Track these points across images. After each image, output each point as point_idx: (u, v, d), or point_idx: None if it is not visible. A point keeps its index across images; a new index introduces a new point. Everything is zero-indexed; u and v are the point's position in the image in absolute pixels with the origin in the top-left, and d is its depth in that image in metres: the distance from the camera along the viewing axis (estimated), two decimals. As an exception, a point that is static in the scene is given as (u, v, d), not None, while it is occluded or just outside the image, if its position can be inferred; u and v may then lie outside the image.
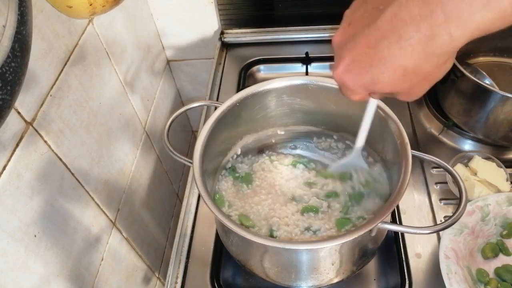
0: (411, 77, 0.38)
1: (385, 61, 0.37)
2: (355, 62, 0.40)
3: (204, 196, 0.58)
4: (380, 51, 0.37)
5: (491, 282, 0.71)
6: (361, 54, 0.39)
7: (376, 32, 0.37)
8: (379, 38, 0.37)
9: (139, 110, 1.09)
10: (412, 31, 0.34)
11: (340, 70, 0.41)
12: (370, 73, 0.39)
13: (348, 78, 0.41)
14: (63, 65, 0.75)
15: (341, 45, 0.41)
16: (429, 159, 0.64)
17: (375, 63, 0.38)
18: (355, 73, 0.40)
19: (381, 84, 0.39)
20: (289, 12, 1.17)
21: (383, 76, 0.38)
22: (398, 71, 0.37)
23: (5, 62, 0.38)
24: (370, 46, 0.38)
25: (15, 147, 0.63)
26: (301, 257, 0.61)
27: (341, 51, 0.41)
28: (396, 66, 0.37)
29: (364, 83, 0.40)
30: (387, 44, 0.36)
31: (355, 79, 0.41)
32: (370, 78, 0.39)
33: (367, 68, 0.39)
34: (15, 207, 0.63)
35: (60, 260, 0.74)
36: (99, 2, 0.60)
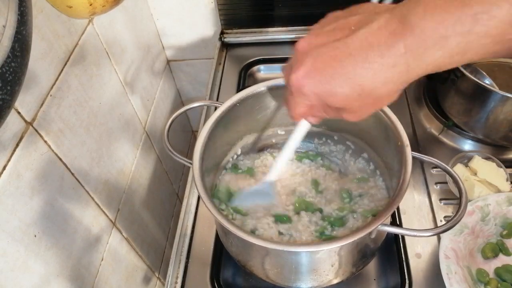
0: (364, 98, 0.41)
1: (346, 76, 0.40)
2: (317, 70, 0.41)
3: (204, 197, 0.58)
4: (344, 66, 0.39)
5: (491, 282, 0.71)
6: (325, 64, 0.41)
7: (344, 48, 0.40)
8: (346, 55, 0.39)
9: (139, 110, 1.09)
10: (377, 56, 0.38)
11: (300, 74, 0.42)
12: (330, 84, 0.41)
13: (307, 83, 0.42)
14: (63, 65, 0.75)
15: (305, 52, 0.42)
16: (429, 160, 0.64)
17: (337, 76, 0.40)
18: (315, 81, 0.41)
19: (336, 98, 0.42)
20: (289, 12, 1.17)
21: (341, 90, 0.41)
22: (356, 89, 0.40)
23: (5, 62, 0.38)
24: (336, 60, 0.40)
25: (15, 147, 0.63)
26: (300, 259, 0.61)
27: (303, 57, 0.42)
28: (356, 84, 0.40)
29: (321, 92, 0.42)
30: (353, 62, 0.39)
31: (313, 86, 0.42)
32: (328, 89, 0.41)
33: (328, 79, 0.41)
34: (15, 207, 0.63)
35: (60, 260, 0.74)
36: (99, 2, 0.60)
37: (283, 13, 1.18)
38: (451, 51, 0.36)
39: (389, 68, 0.38)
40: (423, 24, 0.35)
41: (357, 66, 0.39)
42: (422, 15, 0.35)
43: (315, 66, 0.41)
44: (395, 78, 0.39)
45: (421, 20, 0.35)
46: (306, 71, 0.42)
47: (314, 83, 0.42)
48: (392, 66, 0.38)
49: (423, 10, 0.35)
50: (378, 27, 0.38)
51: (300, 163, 0.78)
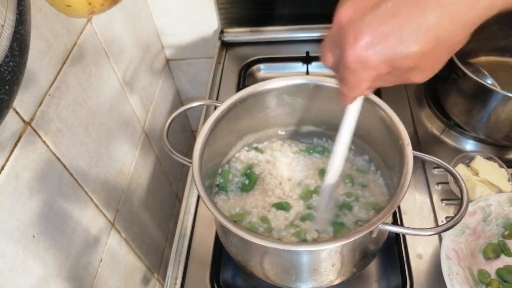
0: (440, 49, 0.35)
1: (419, 30, 0.34)
2: (380, 36, 0.35)
3: (204, 196, 0.58)
4: (414, 19, 0.33)
5: (492, 283, 0.70)
6: (388, 26, 0.34)
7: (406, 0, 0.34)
8: (412, 6, 0.33)
9: (138, 110, 1.09)
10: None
11: (360, 46, 0.36)
12: (400, 46, 0.35)
13: (372, 54, 0.36)
14: (62, 64, 0.75)
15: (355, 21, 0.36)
16: (430, 160, 0.64)
17: (406, 34, 0.34)
18: (381, 48, 0.35)
19: (410, 58, 0.35)
20: (289, 11, 1.17)
21: (415, 48, 0.34)
22: (433, 41, 0.34)
23: (4, 61, 0.38)
24: (400, 14, 0.34)
25: (14, 147, 0.62)
26: (301, 259, 0.61)
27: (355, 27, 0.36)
28: (432, 36, 0.34)
29: (391, 57, 0.36)
30: (422, 12, 0.33)
31: (380, 54, 0.35)
32: (400, 50, 0.35)
33: (397, 41, 0.34)
34: (14, 207, 0.63)
35: (58, 261, 0.74)
36: (98, 1, 0.60)
37: (283, 12, 1.17)
38: None
39: (468, 8, 0.32)
40: None
41: (428, 15, 0.33)
42: None
43: (376, 32, 0.35)
44: (474, 18, 0.33)
45: None
46: (365, 41, 0.35)
47: (381, 51, 0.35)
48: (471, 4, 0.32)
49: None
50: None
51: (309, 156, 0.78)
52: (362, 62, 0.37)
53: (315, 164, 0.77)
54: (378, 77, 0.39)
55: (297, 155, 0.78)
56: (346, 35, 0.37)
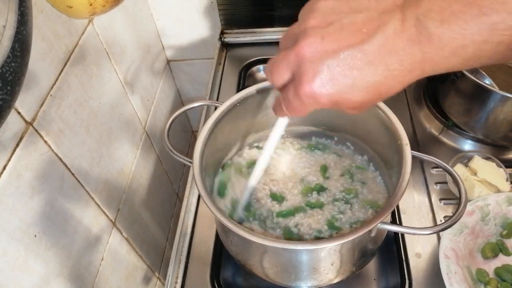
0: (379, 98, 0.41)
1: (367, 85, 0.39)
2: (335, 80, 0.40)
3: (204, 196, 0.58)
4: (365, 75, 0.39)
5: (491, 282, 0.71)
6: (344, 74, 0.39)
7: (363, 56, 0.38)
8: (366, 63, 0.38)
9: (139, 110, 1.09)
10: (396, 63, 0.38)
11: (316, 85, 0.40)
12: (349, 94, 0.40)
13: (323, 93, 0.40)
14: (63, 65, 0.75)
15: (315, 60, 0.40)
16: (429, 159, 0.64)
17: (356, 85, 0.39)
18: (334, 90, 0.40)
19: (353, 104, 0.41)
20: (289, 12, 1.17)
21: (360, 98, 0.40)
22: (375, 94, 0.40)
23: (5, 62, 0.39)
24: (356, 69, 0.39)
25: (15, 147, 0.63)
26: (300, 257, 0.61)
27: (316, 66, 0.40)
28: (376, 90, 0.40)
29: (338, 100, 0.41)
30: (373, 71, 0.38)
31: (331, 95, 0.40)
32: (346, 97, 0.40)
33: (347, 89, 0.40)
34: (15, 207, 0.63)
35: (60, 260, 0.74)
36: (99, 2, 0.60)
37: (283, 13, 1.18)
38: (466, 58, 0.36)
39: (407, 73, 0.38)
40: (440, 32, 0.35)
41: (377, 75, 0.38)
42: (439, 23, 0.35)
43: (333, 76, 0.39)
44: (410, 80, 0.39)
45: (438, 28, 0.35)
46: (322, 81, 0.40)
47: (333, 93, 0.40)
48: (409, 71, 0.38)
49: (440, 18, 0.35)
50: (394, 31, 0.37)
51: (311, 153, 0.79)
52: (313, 98, 0.41)
53: (317, 160, 0.77)
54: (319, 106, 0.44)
55: (299, 152, 0.79)
56: (305, 70, 0.41)
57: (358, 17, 0.40)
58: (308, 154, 0.78)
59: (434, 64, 0.37)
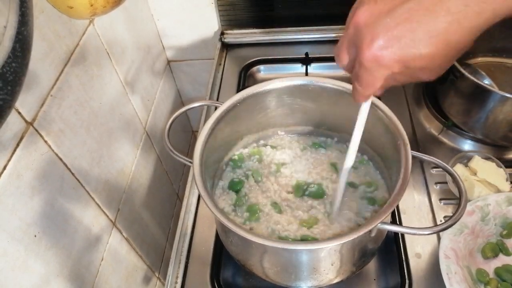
0: (449, 52, 0.38)
1: (430, 35, 0.37)
2: (395, 38, 0.38)
3: (204, 196, 0.58)
4: (425, 25, 0.36)
5: (491, 282, 0.71)
6: (402, 29, 0.37)
7: (419, 6, 0.36)
8: (424, 12, 0.36)
9: (140, 110, 1.09)
10: (460, 5, 0.35)
11: (376, 47, 0.38)
12: (412, 48, 0.38)
13: (386, 54, 0.38)
14: (64, 65, 0.75)
15: (371, 23, 0.39)
16: (429, 159, 0.64)
17: (418, 37, 0.37)
18: (396, 48, 0.38)
19: (421, 59, 0.38)
20: (289, 13, 1.17)
21: (426, 51, 0.37)
22: (442, 44, 0.37)
23: (6, 62, 0.39)
24: (413, 20, 0.37)
25: (16, 147, 0.63)
26: (300, 257, 0.61)
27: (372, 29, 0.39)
28: (442, 40, 0.37)
29: (404, 58, 0.38)
30: (433, 17, 0.36)
31: (394, 55, 0.38)
32: (412, 52, 0.38)
33: (410, 43, 0.37)
34: (16, 207, 0.63)
35: (60, 260, 0.74)
36: (100, 3, 0.60)
37: (283, 13, 1.18)
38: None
39: (475, 16, 0.35)
40: None
41: (439, 21, 0.36)
42: None
43: (390, 34, 0.38)
44: (481, 25, 0.36)
45: None
46: (381, 42, 0.38)
47: (395, 51, 0.38)
48: (478, 13, 0.35)
49: None
50: None
51: (316, 151, 0.79)
52: (377, 61, 0.39)
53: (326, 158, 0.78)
54: (390, 76, 0.41)
55: (305, 152, 0.79)
56: (363, 36, 0.39)
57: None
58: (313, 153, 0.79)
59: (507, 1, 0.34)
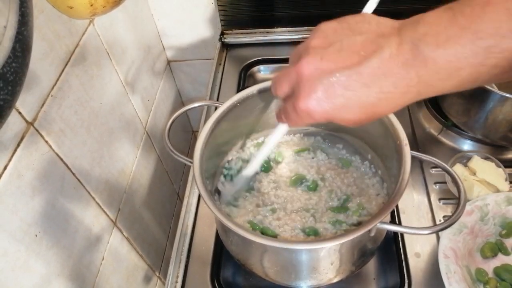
0: (373, 118, 0.43)
1: (361, 105, 0.41)
2: (330, 99, 0.41)
3: (204, 195, 0.59)
4: (359, 96, 0.40)
5: (490, 282, 0.71)
6: (339, 94, 0.41)
7: (358, 77, 0.40)
8: (360, 84, 0.40)
9: (140, 110, 1.09)
10: (391, 86, 0.39)
11: (311, 102, 0.42)
12: (343, 113, 0.42)
13: (317, 111, 0.43)
14: (64, 65, 0.75)
15: (312, 79, 0.42)
16: (428, 159, 0.64)
17: (350, 105, 0.41)
18: (328, 107, 0.42)
19: (345, 121, 0.43)
20: (289, 13, 1.17)
21: (353, 117, 0.42)
22: (369, 114, 0.42)
23: (6, 62, 0.39)
24: (350, 89, 0.40)
25: (16, 147, 0.63)
26: (300, 257, 0.61)
27: (312, 84, 0.42)
28: (370, 111, 0.41)
29: (331, 118, 0.43)
30: (367, 92, 0.40)
31: (325, 112, 0.42)
32: (340, 115, 0.42)
33: (341, 108, 0.41)
34: (16, 206, 0.63)
35: (61, 260, 0.74)
36: (100, 3, 0.60)
37: (283, 13, 1.18)
38: (462, 81, 0.37)
39: (401, 95, 0.39)
40: (435, 56, 0.36)
41: (371, 96, 0.40)
42: (434, 47, 0.36)
43: (328, 94, 0.41)
44: (405, 102, 0.40)
45: (433, 52, 0.36)
46: (317, 99, 0.42)
47: (327, 110, 0.42)
48: (404, 94, 0.39)
49: (435, 42, 0.35)
50: (390, 55, 0.38)
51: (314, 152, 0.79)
52: (308, 113, 0.44)
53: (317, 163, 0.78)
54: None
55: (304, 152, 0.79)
56: (303, 87, 0.43)
57: (357, 39, 0.41)
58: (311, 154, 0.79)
59: (430, 87, 0.38)
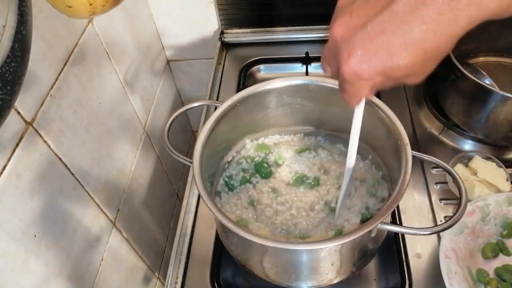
0: (428, 59, 0.38)
1: (406, 45, 0.36)
2: (371, 52, 0.38)
3: (204, 196, 0.58)
4: (400, 35, 0.36)
5: (491, 282, 0.71)
6: (377, 43, 0.37)
7: (392, 17, 0.36)
8: (398, 23, 0.36)
9: (139, 110, 1.09)
10: (434, 14, 0.34)
11: (353, 63, 0.39)
12: (390, 60, 0.37)
13: (364, 69, 0.39)
14: (63, 65, 0.75)
15: (347, 38, 0.39)
16: (429, 159, 0.64)
17: (395, 49, 0.37)
18: (373, 62, 0.38)
19: (401, 70, 0.38)
20: (289, 12, 1.17)
21: (404, 61, 0.37)
22: (420, 54, 0.37)
23: (5, 62, 0.39)
24: (388, 32, 0.36)
25: (15, 147, 0.63)
26: (300, 258, 0.61)
27: (348, 44, 0.39)
28: (419, 49, 0.37)
29: (383, 70, 0.39)
30: (408, 28, 0.36)
31: (373, 68, 0.38)
32: (390, 64, 0.38)
33: (386, 55, 0.37)
34: (15, 207, 0.63)
35: (60, 260, 0.74)
36: (99, 2, 0.60)
37: (283, 13, 1.18)
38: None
39: (451, 24, 0.35)
40: None
41: (414, 32, 0.35)
42: None
43: (366, 48, 0.38)
44: (457, 32, 0.36)
45: None
46: (358, 57, 0.38)
47: (373, 65, 0.38)
48: (453, 21, 0.35)
49: None
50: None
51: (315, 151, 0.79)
52: (357, 76, 0.40)
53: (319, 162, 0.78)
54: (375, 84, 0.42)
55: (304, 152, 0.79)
56: (341, 51, 0.40)
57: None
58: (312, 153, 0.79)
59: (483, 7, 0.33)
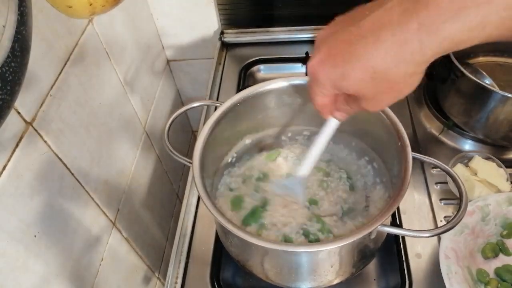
0: (378, 82, 0.40)
1: (358, 58, 0.39)
2: (331, 56, 0.41)
3: (204, 196, 0.58)
4: (356, 49, 0.39)
5: (491, 282, 0.71)
6: (338, 49, 0.41)
7: (357, 30, 0.39)
8: (359, 37, 0.39)
9: (139, 110, 1.09)
10: (388, 34, 0.37)
11: (315, 61, 0.43)
12: (342, 68, 0.40)
13: (320, 69, 0.42)
14: (63, 65, 0.75)
15: (322, 40, 0.43)
16: (429, 161, 0.64)
17: (348, 58, 0.40)
18: (328, 66, 0.42)
19: (349, 82, 0.41)
20: (289, 12, 1.17)
21: (353, 73, 0.40)
22: (368, 71, 0.39)
23: (5, 62, 0.39)
24: (348, 43, 0.40)
25: (15, 147, 0.63)
26: (300, 259, 0.61)
27: (320, 45, 0.43)
28: (368, 65, 0.39)
29: (334, 77, 0.42)
30: (364, 43, 0.38)
31: (326, 72, 0.42)
32: (341, 72, 0.41)
33: (340, 63, 0.41)
34: (15, 207, 0.63)
35: (60, 260, 0.74)
36: (99, 2, 0.60)
37: (283, 13, 1.18)
38: (469, 24, 0.33)
39: (401, 45, 0.36)
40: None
41: (368, 47, 0.38)
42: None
43: (329, 52, 0.42)
44: (407, 57, 0.37)
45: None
46: (320, 57, 0.42)
47: (328, 68, 0.42)
48: (403, 43, 0.36)
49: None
50: (391, 6, 0.37)
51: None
52: (314, 75, 0.43)
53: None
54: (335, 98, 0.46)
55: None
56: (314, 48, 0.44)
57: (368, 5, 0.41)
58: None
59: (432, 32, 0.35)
